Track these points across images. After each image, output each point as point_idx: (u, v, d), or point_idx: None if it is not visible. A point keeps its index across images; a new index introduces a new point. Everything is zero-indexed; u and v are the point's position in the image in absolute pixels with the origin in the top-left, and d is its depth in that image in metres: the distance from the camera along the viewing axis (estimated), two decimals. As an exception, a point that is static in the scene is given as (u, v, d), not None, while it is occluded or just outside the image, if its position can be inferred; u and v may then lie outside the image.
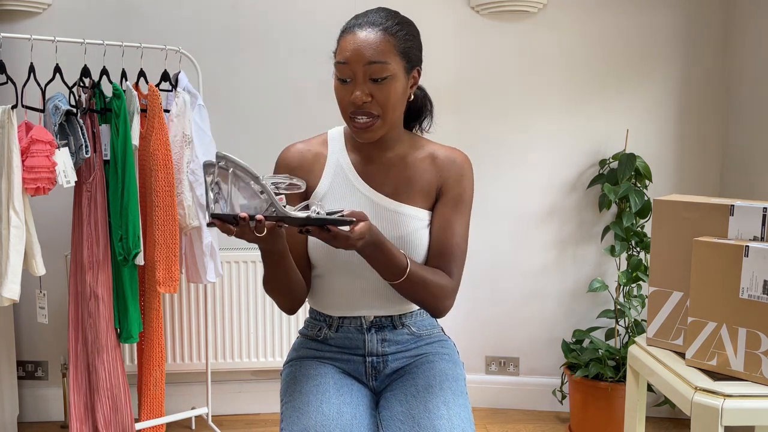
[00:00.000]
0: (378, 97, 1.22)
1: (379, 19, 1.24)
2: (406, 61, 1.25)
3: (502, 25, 2.61)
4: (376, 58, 1.20)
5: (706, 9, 2.56)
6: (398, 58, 1.23)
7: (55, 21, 2.52)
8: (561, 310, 2.72)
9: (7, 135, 1.93)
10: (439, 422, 1.18)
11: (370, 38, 1.21)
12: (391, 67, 1.22)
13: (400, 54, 1.23)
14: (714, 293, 1.44)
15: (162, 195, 2.19)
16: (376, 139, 1.27)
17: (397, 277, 1.24)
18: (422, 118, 1.44)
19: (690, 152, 2.63)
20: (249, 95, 2.63)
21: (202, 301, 2.56)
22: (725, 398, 1.35)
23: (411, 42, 1.27)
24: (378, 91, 1.22)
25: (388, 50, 1.21)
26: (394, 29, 1.24)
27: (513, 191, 2.68)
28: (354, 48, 1.21)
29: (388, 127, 1.27)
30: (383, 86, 1.22)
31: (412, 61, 1.27)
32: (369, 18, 1.24)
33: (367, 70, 1.21)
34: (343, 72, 1.23)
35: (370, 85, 1.22)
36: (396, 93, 1.24)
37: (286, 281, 1.27)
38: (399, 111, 1.28)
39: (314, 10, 2.59)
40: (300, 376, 1.32)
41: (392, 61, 1.22)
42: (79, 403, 2.19)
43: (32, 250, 2.01)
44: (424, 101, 1.43)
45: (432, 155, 1.35)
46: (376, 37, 1.21)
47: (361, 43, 1.21)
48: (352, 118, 1.25)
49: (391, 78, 1.22)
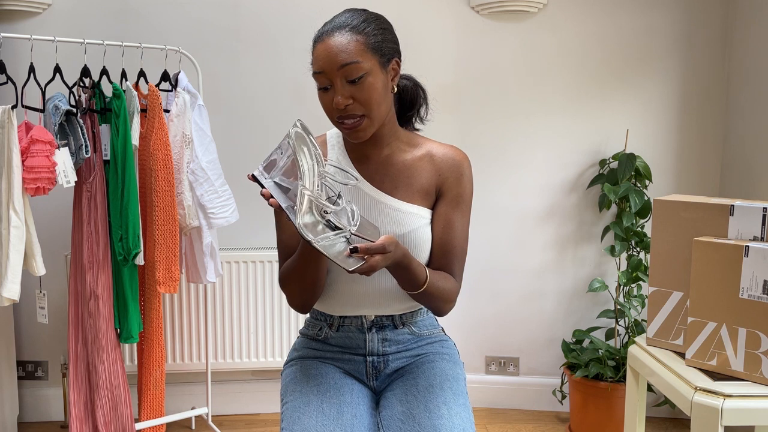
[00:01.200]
0: (359, 97, 1.22)
1: (345, 21, 1.24)
2: (380, 55, 1.24)
3: (502, 25, 2.61)
4: (348, 59, 1.20)
5: (706, 9, 2.57)
6: (370, 54, 1.23)
7: (55, 21, 2.52)
8: (561, 310, 2.72)
9: (7, 135, 1.93)
10: (440, 422, 1.18)
11: (338, 42, 1.21)
12: (365, 65, 1.21)
13: (371, 50, 1.23)
14: (714, 293, 1.44)
15: (162, 195, 2.19)
16: (368, 137, 1.27)
17: (415, 289, 1.25)
18: (417, 107, 1.43)
19: (690, 152, 2.63)
20: (249, 95, 2.63)
21: (202, 301, 2.56)
22: (725, 398, 1.35)
23: (381, 35, 1.26)
24: (357, 91, 1.22)
25: (358, 49, 1.21)
26: (362, 27, 1.23)
27: (513, 191, 2.68)
28: (325, 56, 1.22)
29: (377, 123, 1.26)
30: (361, 86, 1.22)
31: (386, 54, 1.26)
32: (335, 22, 1.25)
33: (341, 74, 1.21)
34: (321, 81, 1.24)
35: (349, 87, 1.22)
36: (376, 90, 1.23)
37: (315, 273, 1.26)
38: (385, 107, 1.27)
39: (314, 10, 2.59)
40: (301, 376, 1.32)
41: (364, 59, 1.21)
42: (79, 403, 2.19)
43: (32, 250, 2.01)
44: (416, 90, 1.42)
45: (430, 154, 1.35)
46: (344, 39, 1.21)
47: (330, 49, 1.21)
48: (339, 123, 1.25)
49: (368, 75, 1.22)
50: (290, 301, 1.32)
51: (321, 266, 1.25)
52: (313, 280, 1.26)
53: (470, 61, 2.63)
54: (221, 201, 2.30)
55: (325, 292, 1.35)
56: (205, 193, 2.27)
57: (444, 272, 1.32)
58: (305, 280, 1.26)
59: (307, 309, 1.33)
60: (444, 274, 1.31)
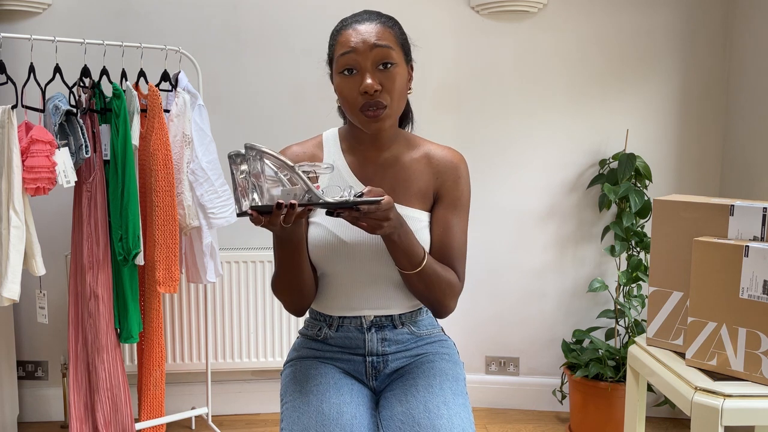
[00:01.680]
0: (386, 85, 1.22)
1: (372, 16, 1.26)
2: (404, 53, 1.27)
3: (502, 25, 2.61)
4: (382, 42, 1.21)
5: (706, 9, 2.56)
6: (399, 48, 1.25)
7: (55, 21, 2.52)
8: (561, 310, 2.72)
9: (7, 135, 1.93)
10: (439, 422, 1.18)
11: (371, 26, 1.23)
12: (395, 54, 1.23)
13: (400, 45, 1.26)
14: (714, 293, 1.44)
15: (162, 195, 2.19)
16: (384, 130, 1.26)
17: (414, 267, 1.24)
18: (404, 124, 1.44)
19: (690, 152, 2.63)
20: (249, 95, 2.63)
21: (202, 301, 2.56)
22: (725, 398, 1.35)
23: (405, 37, 1.29)
24: (386, 79, 1.22)
25: (391, 38, 1.23)
26: (389, 23, 1.26)
27: (513, 191, 2.68)
28: (358, 36, 1.22)
29: (394, 118, 1.27)
30: (390, 74, 1.22)
31: (409, 55, 1.30)
32: (362, 16, 1.26)
33: (373, 55, 1.21)
34: (349, 61, 1.22)
35: (378, 73, 1.22)
36: (402, 81, 1.25)
37: (298, 275, 1.27)
38: (403, 102, 1.29)
39: (314, 10, 2.59)
40: (300, 376, 1.32)
41: (395, 49, 1.24)
42: (79, 403, 2.19)
43: (32, 250, 2.01)
44: (407, 109, 1.42)
45: (427, 155, 1.35)
46: (377, 26, 1.23)
47: (363, 31, 1.22)
48: (363, 111, 1.23)
49: (397, 66, 1.23)
50: (285, 307, 1.35)
51: (303, 270, 1.27)
52: (299, 285, 1.28)
53: (470, 61, 2.63)
54: (221, 201, 2.30)
55: (324, 292, 1.35)
56: (205, 193, 2.27)
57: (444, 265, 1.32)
58: (292, 286, 1.29)
59: (301, 313, 1.35)
60: (445, 266, 1.31)
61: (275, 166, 1.10)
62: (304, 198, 1.10)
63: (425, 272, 1.25)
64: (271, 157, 1.09)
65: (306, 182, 1.10)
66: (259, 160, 1.09)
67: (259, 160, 1.09)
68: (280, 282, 1.30)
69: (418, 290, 1.29)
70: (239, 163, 1.10)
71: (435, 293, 1.29)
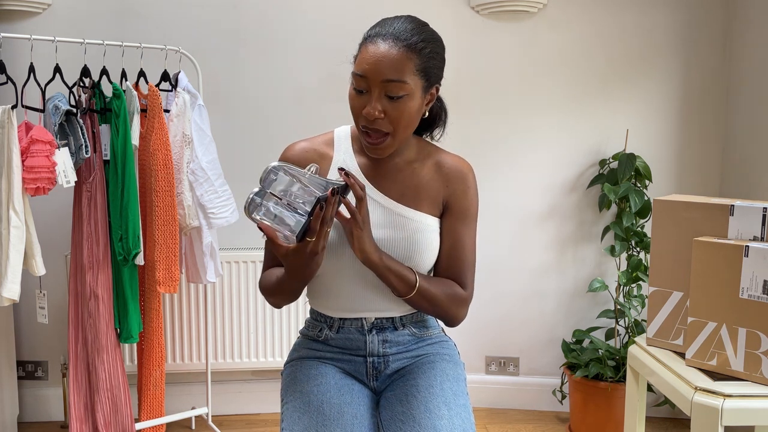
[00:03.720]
0: (391, 114, 1.20)
1: (404, 33, 1.19)
2: (425, 80, 1.23)
3: (502, 25, 2.61)
4: (395, 76, 1.18)
5: (706, 9, 2.57)
6: (417, 77, 1.20)
7: (55, 21, 2.52)
8: (561, 310, 2.72)
9: (7, 135, 1.93)
10: (440, 422, 1.18)
11: (391, 54, 1.17)
12: (409, 86, 1.19)
13: (419, 73, 1.21)
14: (714, 293, 1.44)
15: (162, 195, 2.19)
16: (385, 155, 1.27)
17: (410, 288, 1.26)
18: (434, 128, 1.43)
19: (690, 152, 2.63)
20: (249, 95, 2.63)
21: (202, 301, 2.56)
22: (725, 398, 1.35)
23: (434, 61, 1.23)
24: (392, 109, 1.20)
25: (408, 69, 1.18)
26: (419, 46, 1.19)
27: (513, 191, 2.68)
28: (373, 62, 1.18)
29: (398, 144, 1.26)
30: (398, 104, 1.20)
31: (432, 79, 1.25)
32: (395, 28, 1.20)
33: (383, 87, 1.19)
34: (359, 83, 1.21)
35: (385, 101, 1.20)
36: (410, 112, 1.22)
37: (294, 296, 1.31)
38: (411, 129, 1.27)
39: (314, 10, 2.59)
40: (301, 376, 1.32)
41: (411, 80, 1.19)
42: (79, 403, 2.19)
43: (32, 250, 2.01)
44: (440, 112, 1.40)
45: (438, 163, 1.35)
46: (398, 54, 1.18)
47: (381, 57, 1.18)
48: (363, 131, 1.24)
49: (408, 97, 1.20)
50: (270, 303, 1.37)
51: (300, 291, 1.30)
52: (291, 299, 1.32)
53: (470, 60, 2.63)
54: (221, 201, 2.30)
55: (325, 294, 1.35)
56: (205, 193, 2.27)
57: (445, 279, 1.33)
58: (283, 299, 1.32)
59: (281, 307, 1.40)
60: (443, 280, 1.33)
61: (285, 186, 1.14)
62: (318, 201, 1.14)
63: (423, 291, 1.27)
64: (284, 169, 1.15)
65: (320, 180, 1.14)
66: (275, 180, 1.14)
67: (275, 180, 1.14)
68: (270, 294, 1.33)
69: (424, 308, 1.32)
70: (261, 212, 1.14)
71: (440, 308, 1.31)
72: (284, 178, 1.15)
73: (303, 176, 1.15)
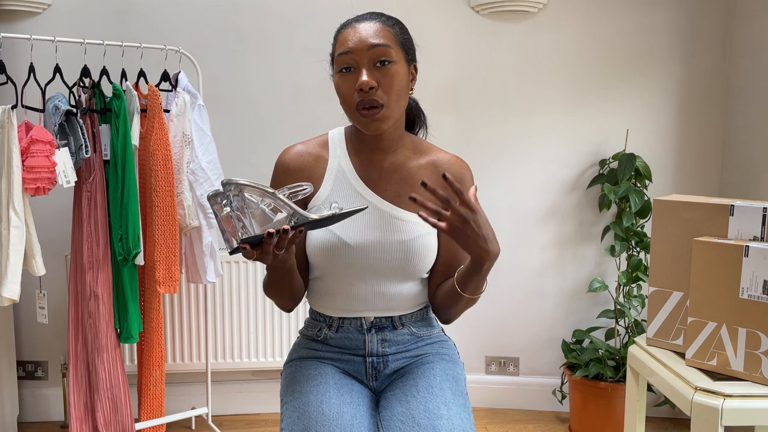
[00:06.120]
0: (383, 83, 1.21)
1: (374, 17, 1.27)
2: (406, 52, 1.27)
3: (502, 25, 2.61)
4: (379, 41, 1.22)
5: (706, 9, 2.56)
6: (399, 48, 1.25)
7: (55, 21, 2.52)
8: (561, 310, 2.72)
9: (7, 135, 1.93)
10: (440, 422, 1.18)
11: (370, 26, 1.23)
12: (394, 53, 1.23)
13: (400, 45, 1.25)
14: (714, 293, 1.44)
15: (162, 195, 2.19)
16: (383, 130, 1.26)
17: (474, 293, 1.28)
18: (416, 129, 1.44)
19: (690, 152, 2.63)
20: (249, 95, 2.63)
21: (202, 301, 2.56)
22: (725, 398, 1.35)
23: (407, 37, 1.29)
24: (383, 76, 1.21)
25: (389, 37, 1.24)
26: (390, 22, 1.27)
27: (513, 191, 2.68)
28: (356, 36, 1.22)
29: (393, 118, 1.25)
30: (387, 71, 1.22)
31: (410, 55, 1.29)
32: (364, 16, 1.27)
33: (370, 54, 1.21)
34: (346, 60, 1.23)
35: (375, 71, 1.22)
36: (400, 79, 1.24)
37: (288, 288, 1.31)
38: (403, 102, 1.27)
39: (314, 10, 2.59)
40: (300, 376, 1.32)
41: (394, 48, 1.24)
42: (79, 403, 2.19)
43: (32, 250, 2.01)
44: (417, 111, 1.43)
45: (434, 162, 1.35)
46: (376, 26, 1.24)
47: (362, 30, 1.23)
48: (358, 110, 1.23)
49: (395, 64, 1.23)
50: (277, 305, 1.38)
51: (294, 283, 1.30)
52: (290, 294, 1.32)
53: (470, 61, 2.63)
54: (221, 201, 2.30)
55: (324, 294, 1.35)
56: (205, 193, 2.27)
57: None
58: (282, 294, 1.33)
59: (291, 310, 1.39)
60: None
61: (257, 195, 1.09)
62: (290, 222, 1.09)
63: (475, 298, 1.28)
64: (251, 188, 1.08)
65: (290, 205, 1.09)
66: (238, 194, 1.08)
67: (239, 194, 1.08)
68: (270, 290, 1.34)
69: (452, 307, 1.31)
70: (221, 202, 1.09)
71: (462, 310, 1.32)
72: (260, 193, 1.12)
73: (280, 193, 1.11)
